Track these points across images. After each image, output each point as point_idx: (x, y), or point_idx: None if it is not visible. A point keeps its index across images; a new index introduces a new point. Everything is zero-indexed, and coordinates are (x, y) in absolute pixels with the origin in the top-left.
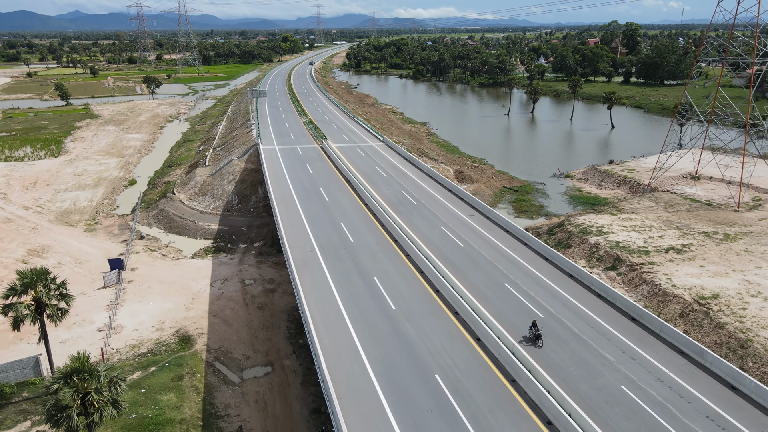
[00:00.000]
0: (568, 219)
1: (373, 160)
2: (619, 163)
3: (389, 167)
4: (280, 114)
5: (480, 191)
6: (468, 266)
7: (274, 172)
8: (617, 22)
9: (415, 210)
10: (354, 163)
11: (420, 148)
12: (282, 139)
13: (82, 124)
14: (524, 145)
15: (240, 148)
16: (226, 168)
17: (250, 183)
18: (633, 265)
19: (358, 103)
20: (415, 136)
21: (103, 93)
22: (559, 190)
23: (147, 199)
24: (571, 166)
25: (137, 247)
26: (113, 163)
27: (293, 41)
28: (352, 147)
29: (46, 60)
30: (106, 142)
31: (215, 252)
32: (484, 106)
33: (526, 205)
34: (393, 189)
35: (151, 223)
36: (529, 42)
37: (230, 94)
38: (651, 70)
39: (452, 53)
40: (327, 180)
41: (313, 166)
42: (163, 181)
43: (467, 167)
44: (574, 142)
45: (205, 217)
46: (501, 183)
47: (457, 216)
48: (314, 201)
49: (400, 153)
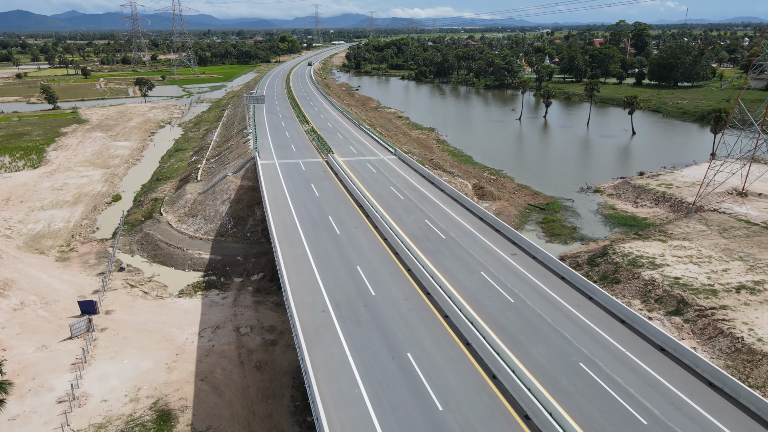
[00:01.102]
0: (611, 247)
1: (387, 178)
2: (653, 176)
3: (406, 187)
4: (280, 121)
5: (504, 210)
6: (526, 334)
7: (275, 195)
8: (625, 22)
9: (444, 247)
10: (365, 183)
11: (432, 159)
12: (282, 151)
13: (68, 130)
14: (542, 153)
15: (235, 161)
16: (219, 185)
17: (247, 203)
18: (702, 309)
19: (360, 106)
20: (425, 144)
21: (93, 95)
22: (590, 207)
23: (131, 220)
24: (597, 178)
25: (115, 282)
26: (97, 176)
27: (291, 41)
28: (361, 161)
29: (38, 60)
30: (91, 151)
31: (206, 288)
32: (493, 110)
33: (557, 226)
34: (414, 217)
35: (133, 250)
36: (532, 42)
37: (226, 97)
38: (665, 71)
39: (456, 54)
40: (336, 205)
41: (319, 187)
42: (150, 198)
43: (485, 181)
44: (594, 151)
45: (195, 243)
46: (525, 199)
47: (497, 256)
48: (323, 235)
49: (416, 169)
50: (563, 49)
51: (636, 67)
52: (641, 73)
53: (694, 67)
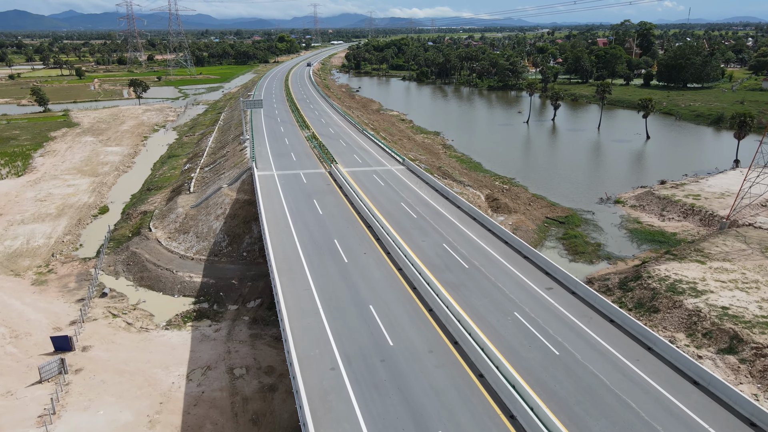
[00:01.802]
0: (645, 269)
1: (396, 192)
2: (677, 185)
3: (418, 203)
4: (279, 126)
5: (521, 225)
6: (582, 403)
7: (274, 213)
8: (630, 22)
9: (468, 279)
10: (373, 198)
11: (440, 167)
12: (281, 161)
13: (57, 135)
14: (553, 159)
15: (231, 171)
16: (213, 198)
17: (243, 219)
18: (759, 347)
19: (362, 109)
20: (430, 150)
21: (86, 97)
22: (612, 221)
23: (118, 236)
24: (616, 187)
25: (96, 310)
26: (84, 185)
27: (290, 41)
28: (367, 172)
29: (33, 61)
30: (80, 157)
31: (196, 318)
32: (499, 113)
33: (579, 243)
34: (431, 241)
35: (118, 271)
36: (534, 42)
37: (223, 99)
38: (674, 72)
39: (458, 54)
40: (342, 225)
41: (323, 203)
42: (139, 211)
43: (498, 191)
44: (608, 157)
45: (185, 264)
46: (541, 212)
47: (530, 290)
48: (329, 264)
49: (428, 181)
50: (566, 49)
51: (642, 68)
52: (649, 74)
53: (704, 68)
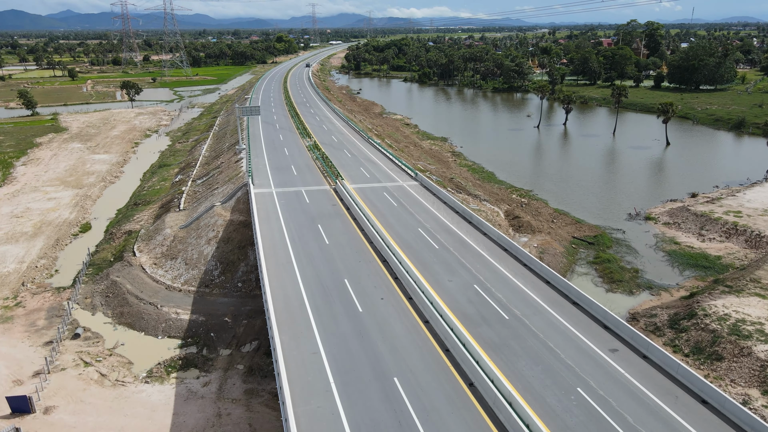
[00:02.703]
0: (698, 304)
1: (412, 214)
2: (713, 199)
3: (438, 229)
4: (277, 134)
5: (548, 247)
6: None
7: (272, 243)
8: (636, 21)
9: (512, 336)
10: (386, 223)
11: (452, 178)
12: (281, 175)
13: (43, 140)
14: (570, 168)
15: (225, 187)
16: (205, 218)
17: (238, 244)
18: None
19: (364, 112)
20: (439, 158)
21: (78, 99)
22: (646, 241)
23: (98, 260)
24: (641, 199)
25: (66, 356)
26: (67, 198)
27: (288, 41)
28: (376, 190)
29: (26, 61)
30: (65, 166)
31: (182, 368)
32: (507, 116)
33: (614, 268)
34: (459, 281)
35: (95, 305)
36: (536, 42)
37: (219, 102)
38: (686, 74)
39: (462, 55)
40: (353, 259)
41: (329, 229)
42: (124, 231)
43: (517, 205)
44: (627, 165)
45: (172, 296)
46: (567, 230)
47: (591, 354)
48: (339, 314)
49: (446, 201)
50: (571, 50)
51: (650, 69)
52: (660, 75)
53: (717, 70)
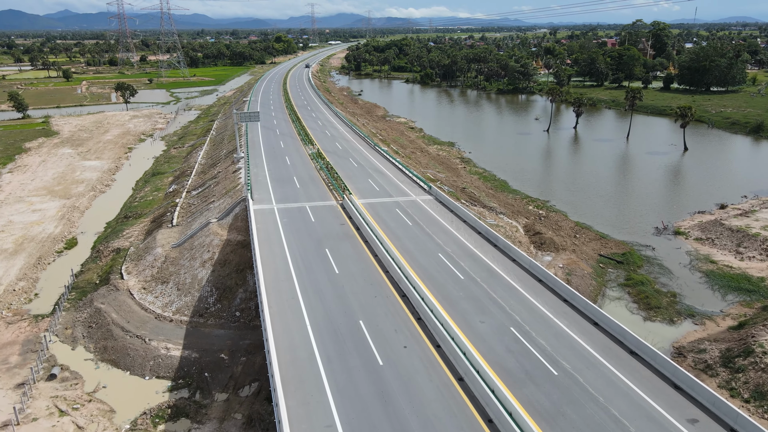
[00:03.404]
0: (753, 338)
1: (430, 236)
2: (747, 212)
3: (461, 254)
4: (278, 140)
5: (575, 267)
6: None
7: (275, 271)
8: (642, 21)
9: (566, 400)
10: (402, 246)
11: (464, 188)
12: (283, 188)
13: (32, 145)
14: (585, 176)
15: (221, 201)
16: (200, 236)
17: (236, 267)
18: None
19: (366, 115)
20: (448, 164)
21: (71, 101)
22: (679, 259)
23: (83, 282)
24: (665, 210)
25: (39, 402)
26: (53, 209)
27: (287, 41)
28: (388, 205)
29: (21, 62)
30: (53, 174)
31: (172, 418)
32: (514, 119)
33: (649, 292)
34: (493, 322)
35: (76, 337)
36: (538, 42)
37: (217, 104)
38: (697, 75)
39: (465, 56)
40: (367, 294)
41: (338, 254)
42: (112, 248)
43: (534, 218)
44: (645, 173)
45: (162, 328)
46: (592, 247)
47: (665, 425)
48: (356, 369)
49: (466, 220)
50: (575, 50)
51: (658, 70)
52: (669, 76)
53: (729, 71)
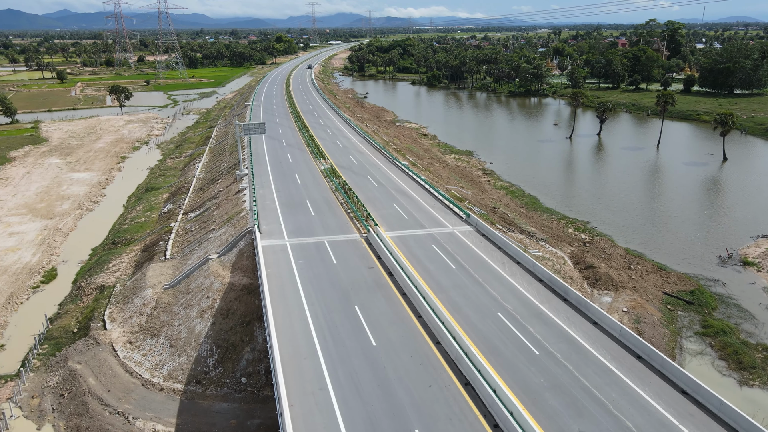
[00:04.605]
0: None
1: (482, 285)
2: None
3: (527, 315)
4: (285, 153)
5: (641, 311)
6: None
7: (293, 342)
8: (656, 21)
9: None
10: (451, 303)
11: (495, 207)
12: (295, 216)
13: (18, 154)
14: (622, 192)
15: (223, 230)
16: (197, 277)
17: (241, 319)
18: None
19: (375, 120)
20: (470, 177)
21: (64, 104)
22: (757, 297)
23: (58, 330)
24: (724, 233)
25: None
26: (32, 232)
27: (287, 41)
28: (422, 240)
29: (17, 62)
30: (37, 188)
31: None
32: (532, 125)
33: (736, 345)
34: None
35: (44, 410)
36: (545, 42)
37: (217, 108)
38: (720, 77)
39: (474, 56)
40: (419, 383)
41: (371, 315)
42: (95, 285)
43: (580, 246)
44: (686, 187)
45: (151, 400)
46: (652, 282)
47: None
48: None
49: (521, 261)
50: (585, 50)
51: (674, 71)
52: (690, 78)
53: (755, 73)
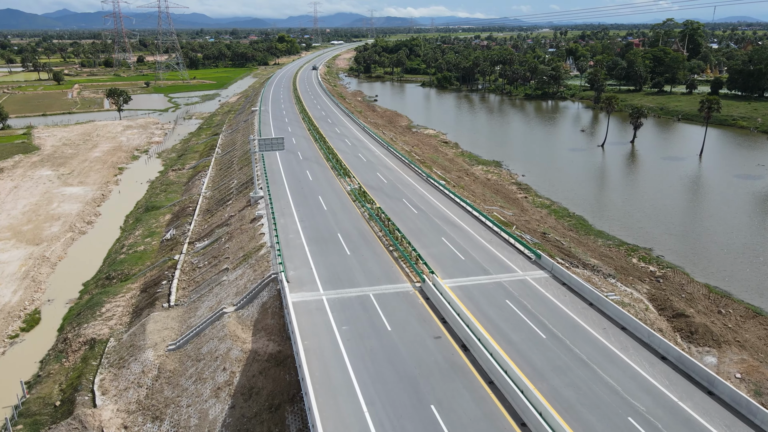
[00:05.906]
0: None
1: (588, 365)
2: None
3: (670, 423)
4: (302, 168)
5: (760, 378)
6: None
7: None
8: (674, 20)
9: None
10: (558, 397)
11: (544, 233)
12: (326, 255)
13: (6, 165)
14: (678, 210)
15: (239, 271)
16: (209, 338)
17: (268, 401)
18: None
19: (389, 126)
20: (505, 194)
21: (60, 108)
22: None
23: (36, 402)
24: None
25: None
26: (15, 262)
27: (290, 41)
28: (490, 291)
29: (13, 63)
30: (24, 206)
31: None
32: (556, 131)
33: None
34: None
35: None
36: (551, 42)
37: (220, 112)
38: (751, 79)
39: (488, 57)
40: None
41: (455, 422)
42: (84, 338)
43: (653, 281)
44: (747, 205)
45: None
46: (755, 333)
47: None
48: None
49: (627, 326)
50: (598, 51)
51: (695, 72)
52: (717, 81)
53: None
